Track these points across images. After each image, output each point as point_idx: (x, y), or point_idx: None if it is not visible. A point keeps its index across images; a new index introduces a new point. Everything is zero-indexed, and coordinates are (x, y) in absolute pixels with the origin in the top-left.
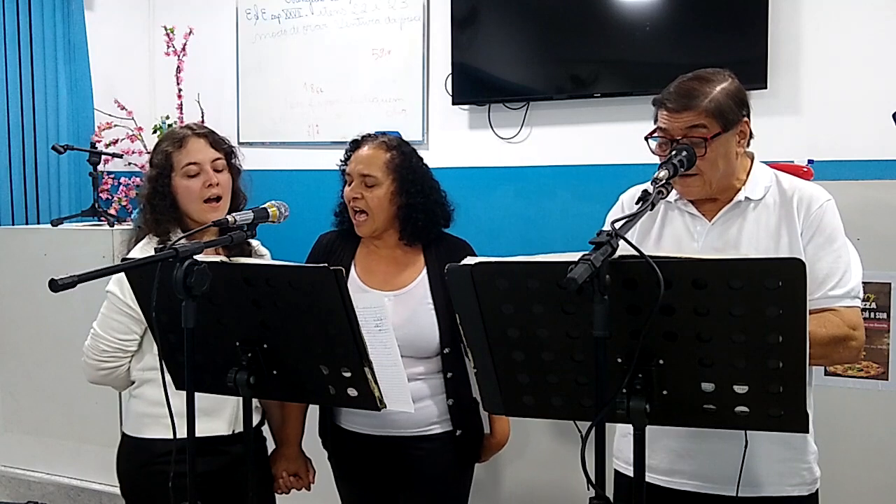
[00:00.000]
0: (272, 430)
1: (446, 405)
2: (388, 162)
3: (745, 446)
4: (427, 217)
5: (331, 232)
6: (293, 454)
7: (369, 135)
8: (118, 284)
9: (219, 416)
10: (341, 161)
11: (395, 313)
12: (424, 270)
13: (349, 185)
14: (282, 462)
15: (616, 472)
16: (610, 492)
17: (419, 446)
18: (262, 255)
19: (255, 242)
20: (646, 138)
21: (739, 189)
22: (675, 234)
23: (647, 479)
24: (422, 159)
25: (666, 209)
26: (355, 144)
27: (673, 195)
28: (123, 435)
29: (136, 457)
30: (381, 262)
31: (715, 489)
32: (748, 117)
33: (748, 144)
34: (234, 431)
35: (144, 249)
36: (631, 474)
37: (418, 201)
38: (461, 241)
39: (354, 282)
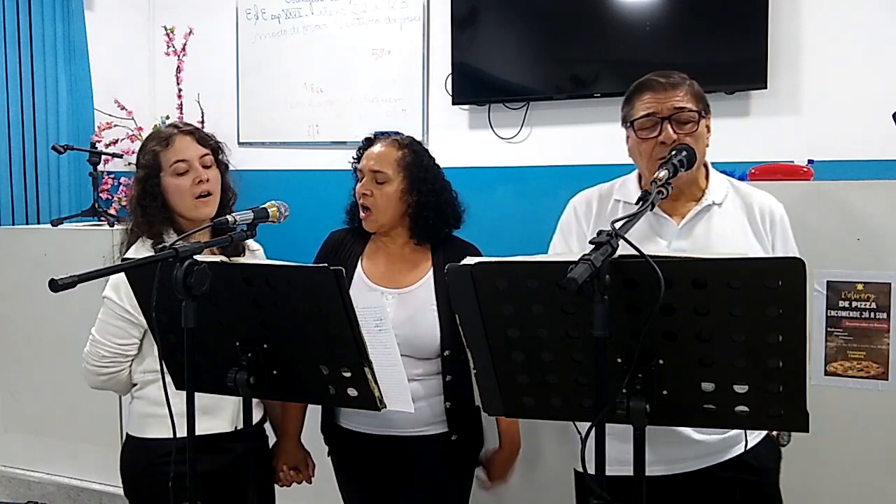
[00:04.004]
0: (273, 425)
1: (443, 407)
2: (400, 160)
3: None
4: (437, 216)
5: (342, 229)
6: (292, 448)
7: (382, 133)
8: (115, 289)
9: (221, 413)
10: (353, 158)
11: (396, 312)
12: (431, 271)
13: (360, 181)
14: (282, 456)
15: (575, 471)
16: (571, 491)
17: (415, 446)
18: (255, 250)
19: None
20: (628, 126)
21: (704, 192)
22: (640, 234)
23: (615, 473)
24: (434, 159)
25: (626, 210)
26: (368, 142)
27: (635, 196)
28: (127, 435)
29: (139, 457)
30: (389, 259)
31: (688, 467)
32: None
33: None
34: (236, 428)
35: (139, 251)
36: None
37: (429, 200)
38: (470, 244)
39: (360, 278)
